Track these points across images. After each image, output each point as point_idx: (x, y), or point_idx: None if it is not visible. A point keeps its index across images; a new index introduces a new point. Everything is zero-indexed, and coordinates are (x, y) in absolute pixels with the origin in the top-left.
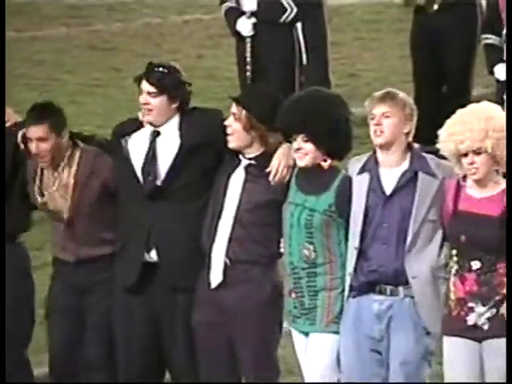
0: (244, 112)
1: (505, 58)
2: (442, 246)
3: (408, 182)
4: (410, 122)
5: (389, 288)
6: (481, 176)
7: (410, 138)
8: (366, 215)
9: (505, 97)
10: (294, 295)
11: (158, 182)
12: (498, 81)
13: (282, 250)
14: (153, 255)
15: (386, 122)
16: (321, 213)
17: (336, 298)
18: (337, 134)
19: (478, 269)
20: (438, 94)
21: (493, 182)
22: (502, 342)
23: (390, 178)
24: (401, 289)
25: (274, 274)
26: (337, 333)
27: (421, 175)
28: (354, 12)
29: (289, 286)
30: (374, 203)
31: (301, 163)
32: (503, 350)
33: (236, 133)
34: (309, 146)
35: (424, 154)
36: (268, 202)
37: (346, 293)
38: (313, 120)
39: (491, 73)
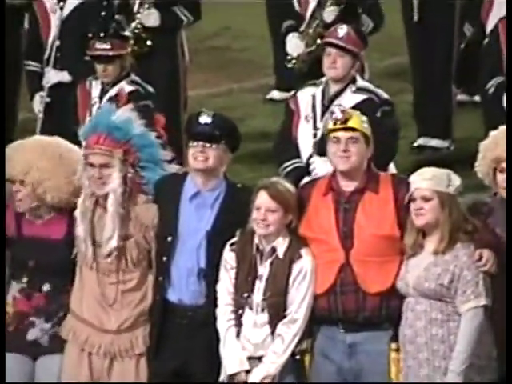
0: None
1: (45, 84)
2: None
3: None
4: None
5: None
6: (23, 207)
7: None
8: None
9: None
10: None
11: None
12: None
13: None
14: None
15: None
16: None
17: None
18: None
19: (48, 290)
20: None
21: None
22: (58, 358)
23: None
24: None
25: None
26: None
27: None
28: None
29: None
30: None
31: None
32: (56, 367)
33: None
34: None
35: None
36: None
37: None
38: None
39: (31, 99)
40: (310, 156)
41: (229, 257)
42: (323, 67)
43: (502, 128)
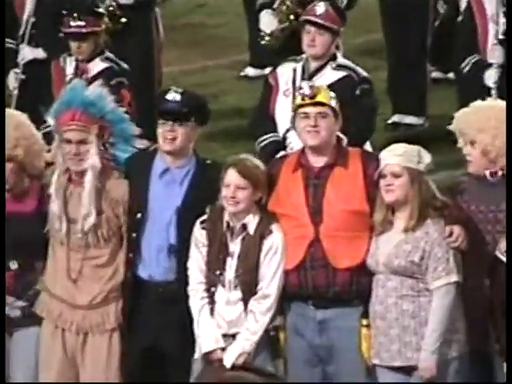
0: None
1: (20, 60)
2: None
3: None
4: None
5: None
6: (9, 186)
7: None
8: None
9: None
10: None
11: None
12: None
13: None
14: None
15: None
16: None
17: None
18: None
19: (16, 269)
20: None
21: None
22: (33, 331)
23: None
24: None
25: None
26: None
27: None
28: None
29: None
30: None
31: None
32: (32, 339)
33: None
34: None
35: None
36: None
37: None
38: None
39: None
40: (287, 130)
41: (199, 234)
42: (303, 45)
43: (471, 104)
